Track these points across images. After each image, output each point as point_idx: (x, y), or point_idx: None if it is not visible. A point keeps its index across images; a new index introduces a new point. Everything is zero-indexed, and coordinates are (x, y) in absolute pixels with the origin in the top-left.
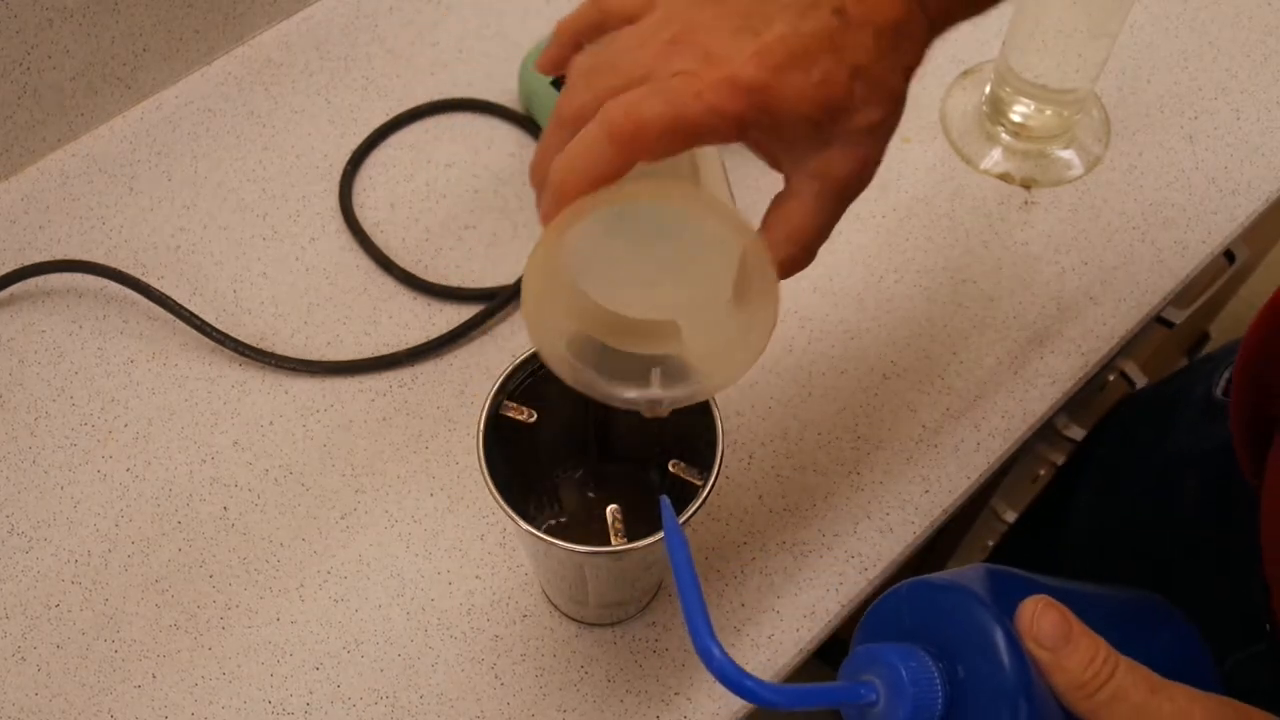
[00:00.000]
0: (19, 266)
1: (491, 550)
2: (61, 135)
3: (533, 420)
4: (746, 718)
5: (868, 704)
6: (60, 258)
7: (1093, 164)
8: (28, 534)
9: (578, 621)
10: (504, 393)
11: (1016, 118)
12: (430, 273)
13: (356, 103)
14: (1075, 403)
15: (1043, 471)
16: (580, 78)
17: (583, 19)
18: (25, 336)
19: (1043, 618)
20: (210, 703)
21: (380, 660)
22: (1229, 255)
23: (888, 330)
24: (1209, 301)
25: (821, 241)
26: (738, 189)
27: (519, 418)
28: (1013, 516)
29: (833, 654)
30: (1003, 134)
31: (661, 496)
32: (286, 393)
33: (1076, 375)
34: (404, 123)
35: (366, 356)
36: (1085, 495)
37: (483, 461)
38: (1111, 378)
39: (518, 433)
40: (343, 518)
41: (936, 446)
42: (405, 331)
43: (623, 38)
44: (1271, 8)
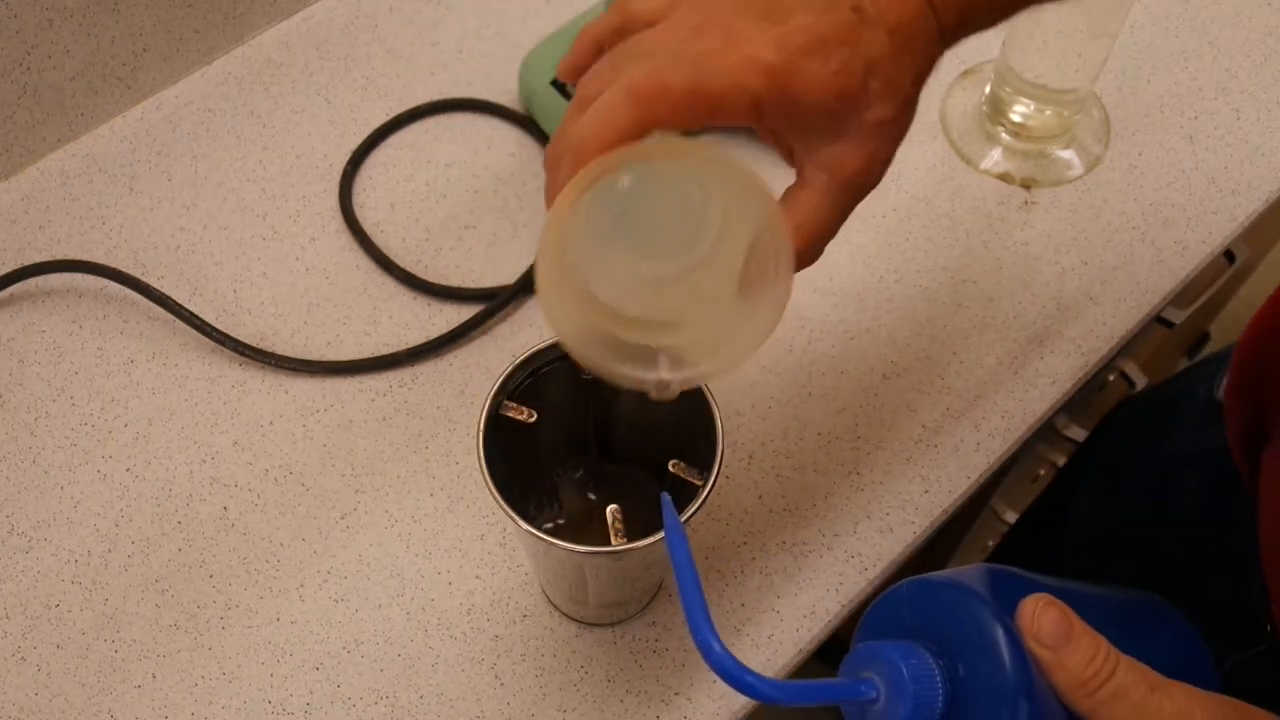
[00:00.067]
0: (19, 266)
1: (491, 550)
2: (61, 135)
3: (533, 420)
4: (747, 718)
5: (868, 701)
6: (60, 258)
7: (1093, 164)
8: (28, 534)
9: (578, 621)
10: (504, 393)
11: (1016, 118)
12: (430, 273)
13: (356, 103)
14: (1075, 403)
15: (1043, 471)
16: (604, 60)
17: (605, 23)
18: (25, 336)
19: (1043, 616)
20: (210, 703)
21: (380, 660)
22: (1229, 255)
23: (888, 330)
24: (1209, 302)
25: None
26: None
27: (519, 418)
28: (1013, 516)
29: (833, 654)
30: (1003, 134)
31: (662, 494)
32: (286, 393)
33: (1076, 375)
34: (404, 123)
35: (366, 356)
36: (1085, 495)
37: (483, 461)
38: (1111, 378)
39: (518, 433)
40: (343, 518)
41: (936, 446)
42: (405, 331)
43: (646, 34)
44: (1271, 8)
